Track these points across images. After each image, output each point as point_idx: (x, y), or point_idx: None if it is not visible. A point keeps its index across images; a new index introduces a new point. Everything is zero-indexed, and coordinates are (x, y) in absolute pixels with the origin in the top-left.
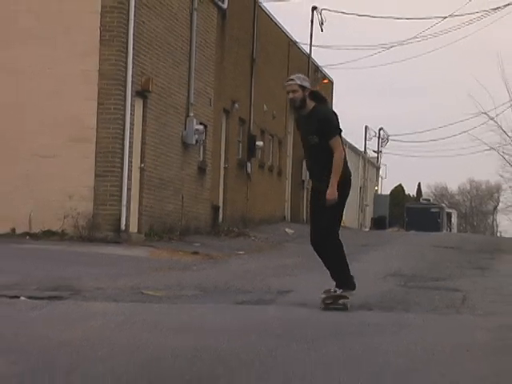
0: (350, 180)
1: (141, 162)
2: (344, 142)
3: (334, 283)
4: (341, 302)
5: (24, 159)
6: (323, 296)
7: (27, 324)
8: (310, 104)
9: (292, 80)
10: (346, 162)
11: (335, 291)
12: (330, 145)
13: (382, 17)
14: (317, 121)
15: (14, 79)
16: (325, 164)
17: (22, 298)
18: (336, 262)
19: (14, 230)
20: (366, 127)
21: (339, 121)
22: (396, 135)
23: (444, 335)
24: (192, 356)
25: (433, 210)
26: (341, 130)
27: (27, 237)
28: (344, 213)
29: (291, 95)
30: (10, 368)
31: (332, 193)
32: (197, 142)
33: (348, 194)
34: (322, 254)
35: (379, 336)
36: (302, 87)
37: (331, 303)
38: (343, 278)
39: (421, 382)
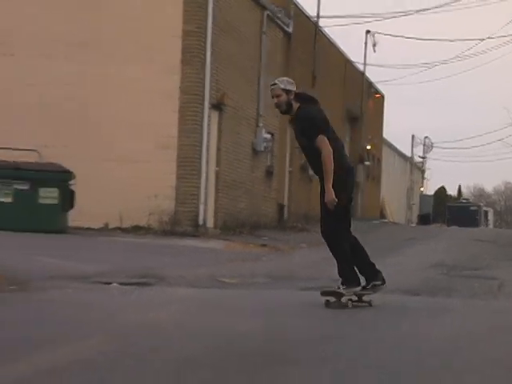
0: (350, 172)
1: (216, 166)
2: (390, 145)
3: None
4: (343, 299)
5: (116, 163)
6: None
7: (119, 308)
8: (296, 106)
9: (275, 84)
10: (341, 156)
11: (338, 287)
12: (316, 145)
13: (427, 39)
14: (300, 122)
15: (109, 93)
16: (320, 163)
17: (114, 284)
18: (340, 259)
19: (107, 225)
20: (413, 136)
21: (325, 119)
22: (439, 143)
23: (483, 319)
24: (264, 339)
25: (471, 208)
26: (326, 128)
27: (118, 231)
28: (393, 209)
29: (276, 100)
30: (106, 347)
31: (328, 196)
32: (265, 148)
33: (348, 187)
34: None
35: (425, 319)
36: (286, 91)
37: (334, 302)
38: (347, 274)
39: (463, 361)
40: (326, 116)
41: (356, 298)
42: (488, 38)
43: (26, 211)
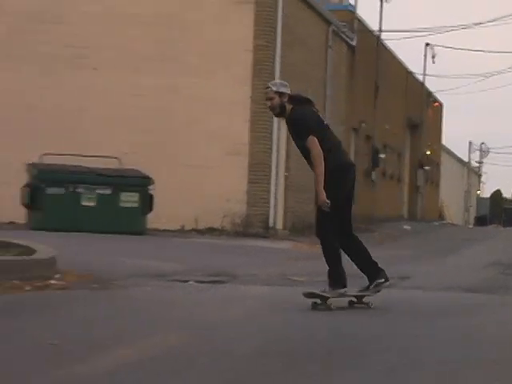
0: (350, 170)
1: (285, 171)
2: (448, 151)
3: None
4: (328, 302)
5: (192, 169)
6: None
7: (197, 305)
8: (289, 108)
9: (268, 87)
10: (339, 154)
11: (323, 290)
12: (307, 146)
13: (482, 50)
14: (292, 123)
15: (185, 104)
16: None
17: (191, 282)
18: (331, 261)
19: (183, 227)
20: (470, 142)
21: (316, 119)
22: (495, 148)
23: None
24: (332, 334)
25: None
26: (317, 129)
27: (194, 232)
28: (452, 211)
29: (269, 103)
30: (183, 341)
31: (320, 198)
32: None
33: (347, 185)
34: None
35: (486, 314)
36: (279, 93)
37: (321, 304)
38: (335, 276)
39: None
40: (320, 116)
41: (356, 300)
42: None
43: (108, 214)
